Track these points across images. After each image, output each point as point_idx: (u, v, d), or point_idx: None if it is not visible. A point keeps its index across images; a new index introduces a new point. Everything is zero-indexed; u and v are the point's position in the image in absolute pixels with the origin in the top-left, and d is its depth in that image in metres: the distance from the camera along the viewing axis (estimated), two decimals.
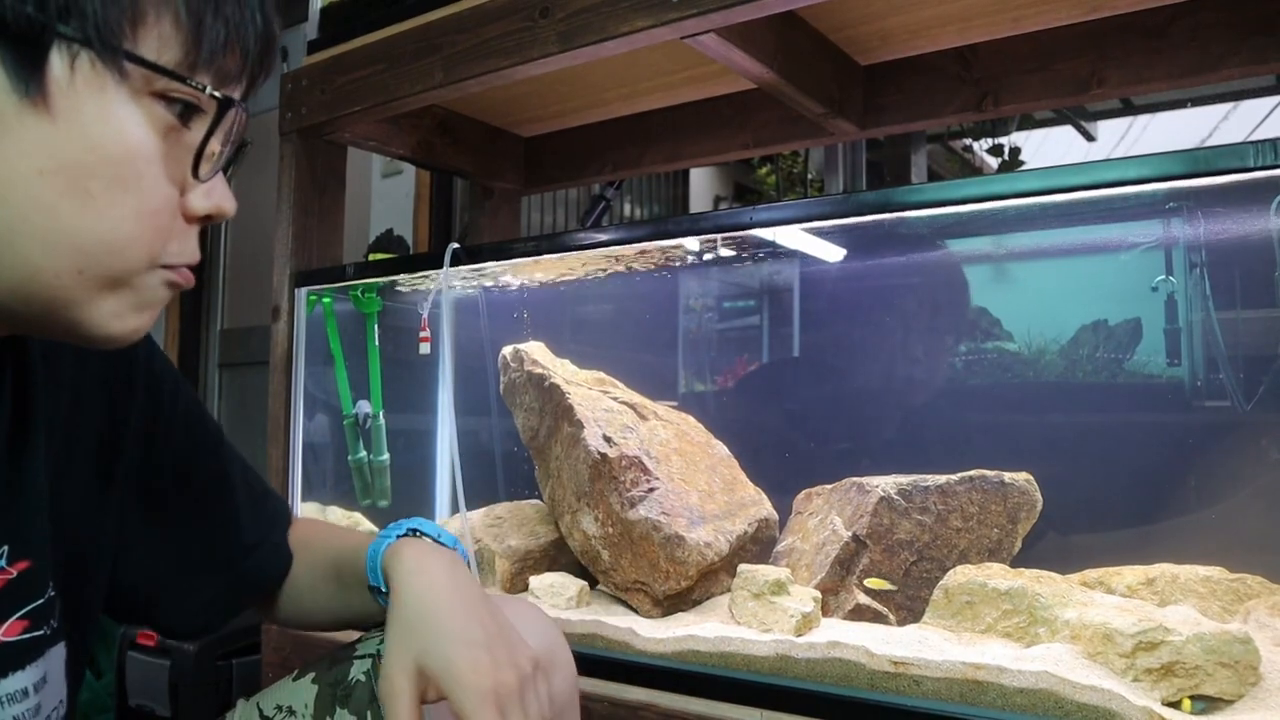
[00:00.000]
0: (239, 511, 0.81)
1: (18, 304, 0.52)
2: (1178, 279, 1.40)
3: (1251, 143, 0.84)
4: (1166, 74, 1.40)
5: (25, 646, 0.61)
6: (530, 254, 1.35)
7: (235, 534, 0.81)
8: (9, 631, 0.60)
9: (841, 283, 1.76)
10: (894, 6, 1.39)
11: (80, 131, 0.49)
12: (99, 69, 0.49)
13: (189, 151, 0.54)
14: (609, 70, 1.63)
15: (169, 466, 0.76)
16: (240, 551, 0.81)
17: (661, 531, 1.25)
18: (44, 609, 0.62)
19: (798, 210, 1.17)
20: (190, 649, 1.84)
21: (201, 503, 0.79)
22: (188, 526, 0.78)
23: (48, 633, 0.63)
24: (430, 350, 1.54)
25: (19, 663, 0.60)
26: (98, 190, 0.50)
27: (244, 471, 0.84)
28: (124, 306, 0.54)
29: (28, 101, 0.48)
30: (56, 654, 0.65)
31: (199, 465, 0.79)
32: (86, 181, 0.50)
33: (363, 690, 0.74)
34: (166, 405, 0.76)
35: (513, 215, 2.15)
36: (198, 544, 0.79)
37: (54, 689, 0.64)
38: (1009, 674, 0.93)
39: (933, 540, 1.21)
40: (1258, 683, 0.90)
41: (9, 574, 0.60)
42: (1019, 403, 1.63)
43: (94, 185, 0.50)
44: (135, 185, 0.51)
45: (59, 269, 0.50)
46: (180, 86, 0.52)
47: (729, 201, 4.40)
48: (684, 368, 2.16)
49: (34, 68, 0.48)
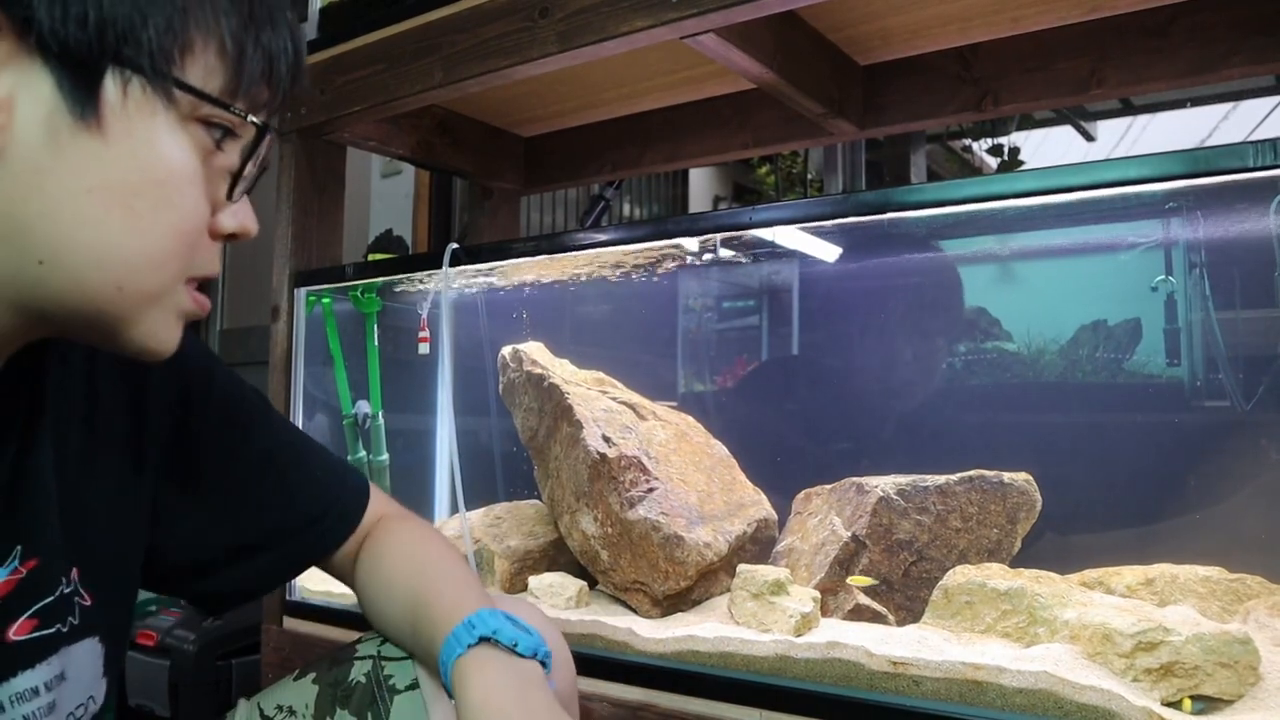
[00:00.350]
0: (291, 485, 0.80)
1: (63, 316, 0.54)
2: (1177, 279, 1.40)
3: (1251, 143, 0.84)
4: (1166, 74, 1.40)
5: (35, 645, 0.61)
6: (530, 254, 1.35)
7: (290, 506, 0.80)
8: (19, 630, 0.60)
9: (841, 283, 1.76)
10: (893, 6, 1.39)
11: (130, 153, 0.52)
12: (149, 94, 0.52)
13: (222, 173, 0.57)
14: (608, 70, 1.63)
15: (208, 447, 0.76)
16: (298, 523, 0.80)
17: (661, 532, 1.25)
18: (55, 606, 0.62)
19: (797, 210, 1.17)
20: (190, 649, 1.84)
21: (248, 478, 0.78)
22: (235, 502, 0.77)
23: (64, 630, 0.63)
24: (429, 350, 1.54)
25: (28, 661, 0.60)
26: (143, 209, 0.53)
27: (300, 447, 0.83)
28: (160, 322, 0.57)
29: (82, 124, 0.50)
30: (83, 650, 0.65)
31: (241, 442, 0.78)
32: (133, 200, 0.52)
33: (363, 691, 0.74)
34: (196, 388, 0.75)
35: (512, 215, 2.15)
36: (248, 519, 0.78)
37: (78, 686, 0.65)
38: (1008, 674, 0.93)
39: (932, 540, 1.21)
40: (1257, 683, 0.90)
41: (19, 573, 0.60)
42: (1018, 403, 1.63)
43: (139, 204, 0.53)
44: (177, 205, 0.54)
45: (102, 283, 0.53)
46: (223, 113, 0.55)
47: (728, 201, 4.40)
48: (683, 368, 2.16)
49: (89, 92, 0.50)
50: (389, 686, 0.74)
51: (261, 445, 0.80)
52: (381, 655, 0.77)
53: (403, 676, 0.75)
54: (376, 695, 0.74)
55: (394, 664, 0.76)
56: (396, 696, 0.74)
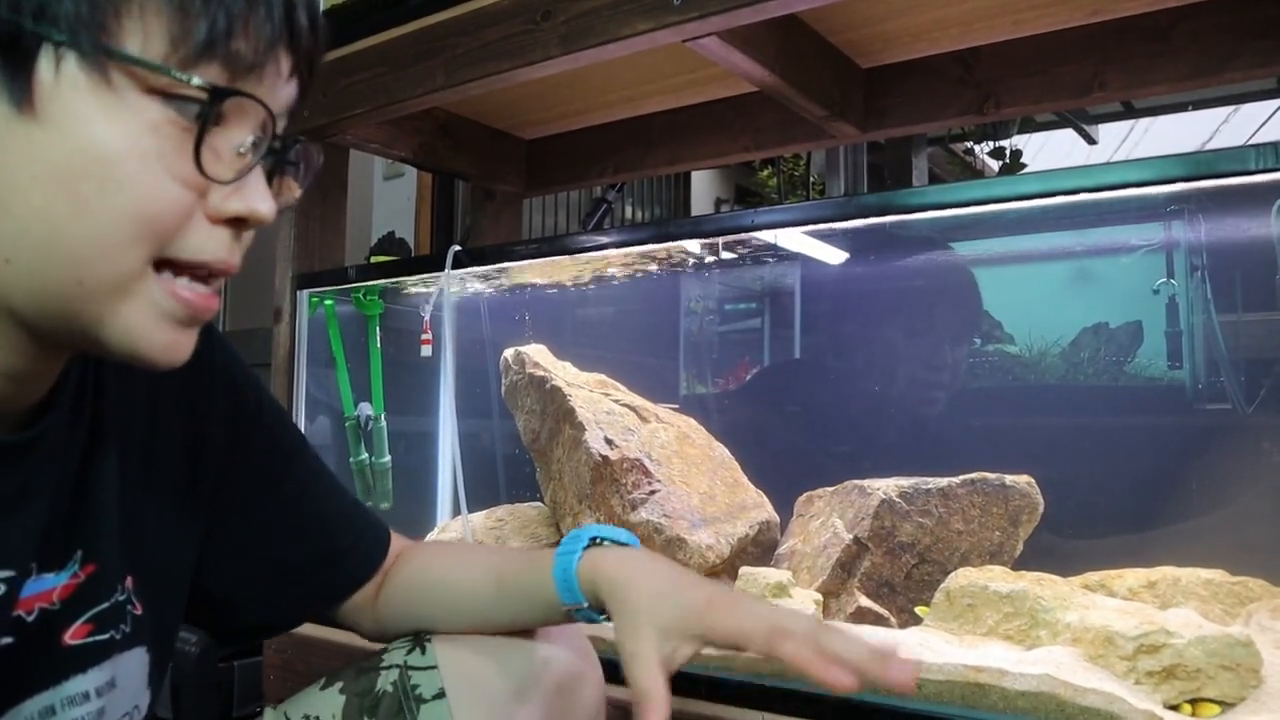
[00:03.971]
0: (326, 517, 0.80)
1: (44, 321, 0.51)
2: (1179, 282, 1.40)
3: (1252, 146, 0.85)
4: (1168, 77, 1.40)
5: (90, 649, 0.61)
6: (532, 256, 1.35)
7: (323, 539, 0.80)
8: (75, 634, 0.60)
9: (842, 285, 1.76)
10: (895, 9, 1.39)
11: (70, 135, 0.48)
12: (85, 70, 0.48)
13: (219, 151, 0.52)
14: (610, 73, 1.63)
15: (253, 474, 0.76)
16: (327, 556, 0.80)
17: (663, 534, 1.25)
18: (111, 613, 0.62)
19: (799, 213, 1.17)
20: (192, 650, 1.84)
21: (286, 509, 0.78)
22: (273, 532, 0.77)
23: (116, 637, 0.63)
24: (432, 352, 1.55)
25: (81, 666, 0.60)
26: (89, 194, 0.48)
27: (331, 480, 0.82)
28: (135, 320, 0.52)
29: (17, 110, 0.47)
30: (132, 659, 0.65)
31: (282, 474, 0.78)
32: (77, 185, 0.48)
33: (390, 700, 0.74)
34: (249, 414, 0.75)
35: (514, 218, 2.15)
36: (283, 549, 0.78)
37: (125, 694, 0.64)
38: (1010, 677, 0.92)
39: (934, 543, 1.21)
40: (1259, 685, 0.90)
41: (79, 578, 0.60)
42: (1020, 405, 1.63)
43: (84, 188, 0.48)
44: (128, 186, 0.49)
45: (62, 277, 0.49)
46: (166, 79, 0.49)
47: (730, 204, 4.41)
48: (685, 370, 2.16)
49: (22, 74, 0.47)
50: (415, 696, 0.74)
51: (299, 477, 0.79)
52: (408, 665, 0.76)
53: (429, 686, 0.75)
54: (403, 704, 0.74)
55: (420, 673, 0.76)
56: (423, 705, 0.74)
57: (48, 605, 0.59)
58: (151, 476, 0.67)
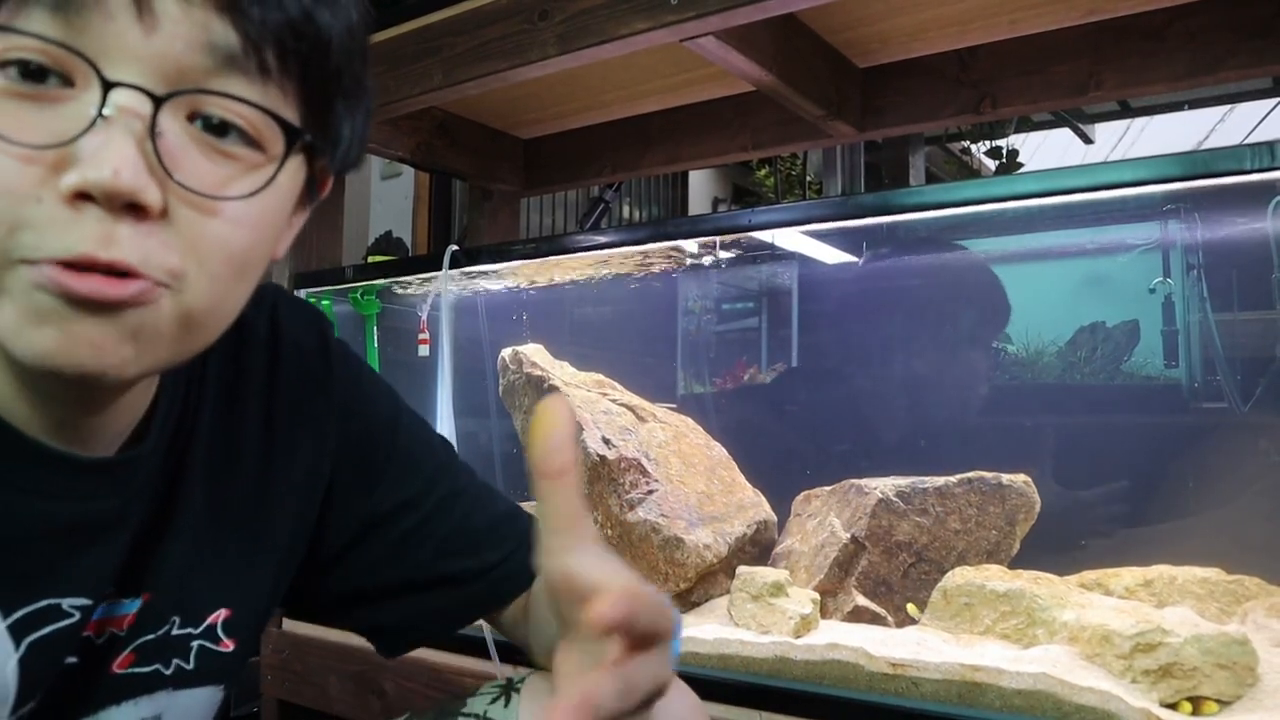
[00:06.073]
0: (473, 532, 0.78)
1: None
2: (1175, 281, 1.40)
3: (1249, 145, 0.85)
4: (1164, 76, 1.41)
5: (129, 681, 0.59)
6: (529, 256, 1.35)
7: (470, 553, 0.77)
8: (121, 664, 0.58)
9: (840, 285, 1.76)
10: (892, 9, 1.39)
11: None
12: None
13: (68, 117, 0.43)
14: (608, 72, 1.63)
15: (392, 496, 0.74)
16: (477, 569, 0.77)
17: (660, 533, 1.25)
18: (155, 645, 0.60)
19: (796, 213, 1.17)
20: None
21: (428, 526, 0.75)
22: (416, 549, 0.75)
23: (163, 671, 0.60)
24: (429, 352, 1.55)
25: (117, 697, 0.58)
26: None
27: (479, 496, 0.80)
28: (6, 319, 0.43)
29: None
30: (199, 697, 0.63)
31: (425, 491, 0.76)
32: None
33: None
34: (384, 439, 0.74)
35: (512, 217, 2.15)
36: (425, 559, 0.75)
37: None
38: (1007, 675, 0.93)
39: (931, 542, 1.21)
40: (1255, 684, 0.90)
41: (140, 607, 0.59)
42: (1017, 404, 1.64)
43: None
44: None
45: None
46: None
47: (728, 203, 4.41)
48: (683, 370, 2.16)
49: None
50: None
51: (442, 493, 0.77)
52: (487, 716, 0.73)
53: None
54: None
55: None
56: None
57: (118, 631, 0.58)
58: (251, 510, 0.65)
